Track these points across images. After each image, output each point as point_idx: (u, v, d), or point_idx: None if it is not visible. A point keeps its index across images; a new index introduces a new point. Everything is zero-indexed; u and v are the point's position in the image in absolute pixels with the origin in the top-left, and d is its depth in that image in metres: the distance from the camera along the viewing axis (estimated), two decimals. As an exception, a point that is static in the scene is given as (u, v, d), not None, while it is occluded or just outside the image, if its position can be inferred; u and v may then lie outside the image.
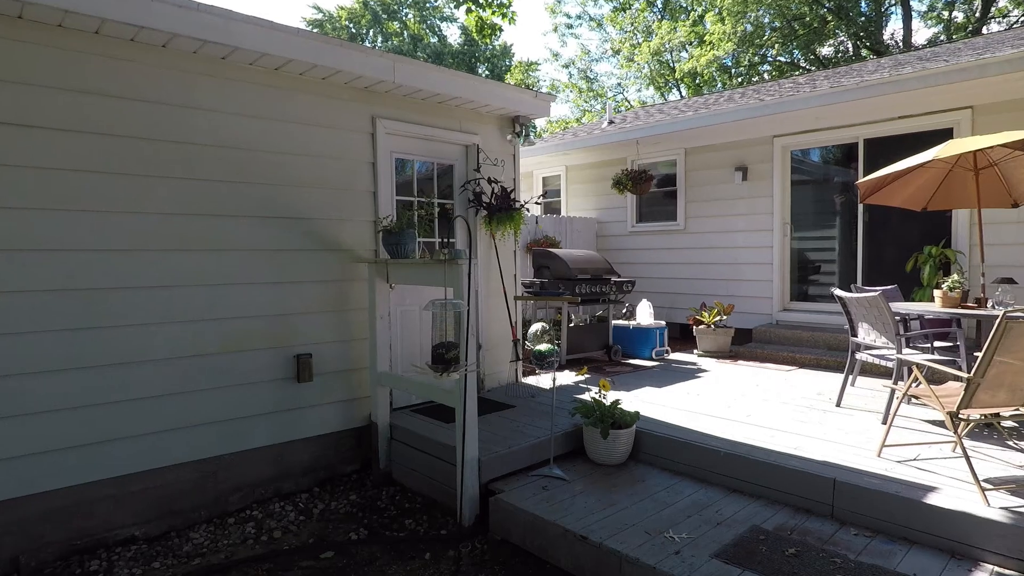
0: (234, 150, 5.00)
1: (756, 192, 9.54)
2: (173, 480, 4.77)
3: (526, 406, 6.02)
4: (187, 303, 4.81)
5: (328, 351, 5.45)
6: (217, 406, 4.94)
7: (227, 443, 4.99)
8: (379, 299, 5.47)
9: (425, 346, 6.06)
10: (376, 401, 5.50)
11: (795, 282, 9.34)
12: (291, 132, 5.27)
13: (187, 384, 4.82)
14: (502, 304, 6.80)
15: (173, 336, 4.77)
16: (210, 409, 4.91)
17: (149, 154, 4.65)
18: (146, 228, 4.63)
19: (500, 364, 6.79)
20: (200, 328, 4.87)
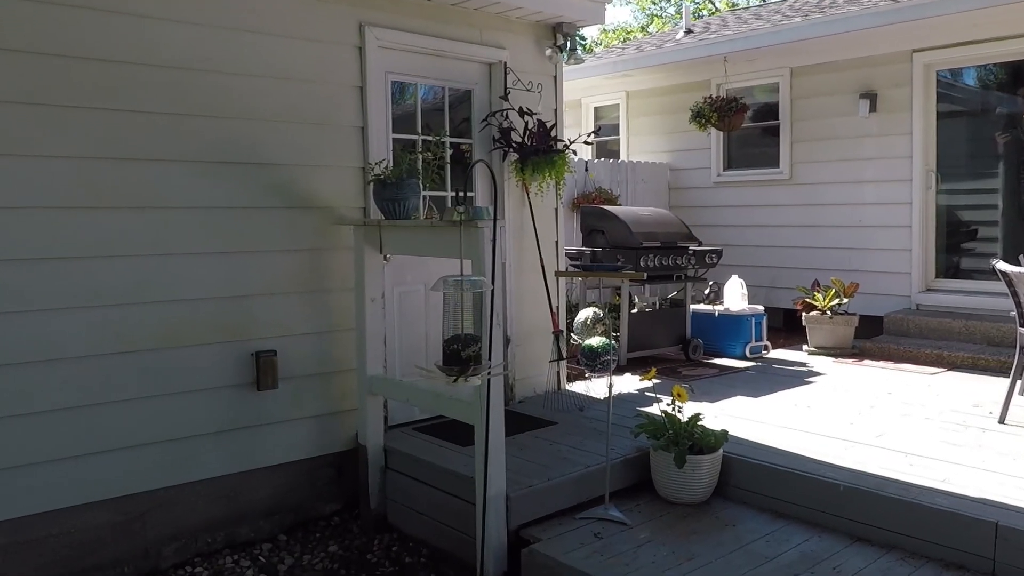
0: (174, 71, 4.95)
1: (889, 128, 9.48)
2: (85, 525, 4.74)
3: (572, 422, 6.02)
4: (107, 280, 4.78)
5: (299, 347, 5.48)
6: (148, 422, 4.95)
7: (161, 474, 5.00)
8: (369, 275, 5.44)
9: (434, 340, 6.04)
10: (366, 416, 5.49)
11: (942, 252, 9.33)
12: (250, 45, 5.22)
13: (106, 391, 4.79)
14: (539, 283, 6.77)
15: (88, 326, 4.73)
16: (138, 426, 4.91)
17: (58, 76, 4.58)
18: (50, 178, 4.57)
19: (536, 365, 6.79)
20: (125, 315, 4.83)
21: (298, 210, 5.43)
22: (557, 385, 6.89)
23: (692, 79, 11.17)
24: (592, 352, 6.32)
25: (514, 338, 6.68)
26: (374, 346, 5.50)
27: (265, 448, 5.36)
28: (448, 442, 5.54)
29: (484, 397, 4.47)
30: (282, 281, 5.39)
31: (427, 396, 5.09)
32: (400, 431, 5.83)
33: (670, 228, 8.66)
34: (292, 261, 5.43)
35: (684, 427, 5.10)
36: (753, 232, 10.67)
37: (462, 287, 3.86)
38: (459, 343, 3.85)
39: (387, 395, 5.52)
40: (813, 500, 4.74)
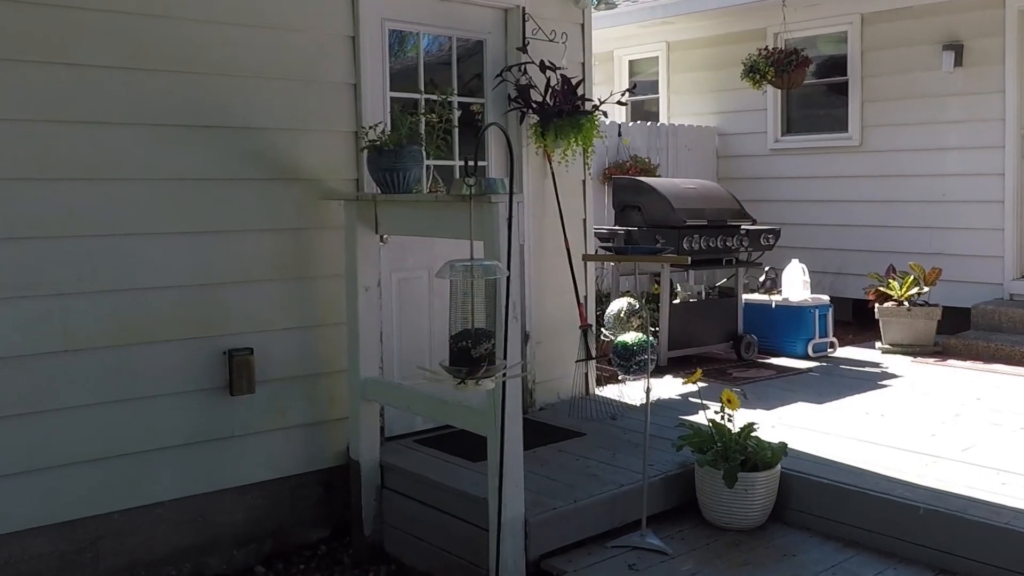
0: (130, 17, 4.92)
1: (977, 85, 9.48)
2: (26, 555, 4.70)
3: (602, 433, 6.05)
4: (51, 266, 4.75)
5: (280, 344, 5.49)
6: (100, 434, 4.91)
7: (114, 495, 4.96)
8: (363, 260, 5.43)
9: (439, 336, 6.04)
10: (359, 426, 5.49)
11: (1042, 232, 9.36)
12: (219, -14, 5.23)
13: (49, 398, 4.76)
14: (563, 268, 6.77)
15: (27, 320, 4.70)
16: (88, 439, 4.88)
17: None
18: (-15, 144, 4.64)
19: (560, 365, 6.80)
20: (72, 307, 4.81)
21: (279, 182, 5.43)
22: (585, 389, 6.90)
23: (745, 27, 11.15)
24: (626, 350, 6.33)
25: (534, 334, 6.69)
26: (368, 343, 5.49)
27: (240, 464, 5.35)
28: (456, 457, 5.55)
29: (498, 403, 4.46)
30: (260, 266, 5.38)
31: (431, 403, 5.09)
32: (399, 444, 5.84)
33: (718, 204, 8.68)
34: (272, 243, 5.42)
35: (735, 439, 5.10)
36: (816, 209, 10.69)
37: (472, 273, 3.81)
38: (469, 340, 3.81)
39: (384, 401, 5.52)
40: (888, 525, 4.74)
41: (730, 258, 8.55)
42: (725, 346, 8.58)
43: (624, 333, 6.48)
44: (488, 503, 4.64)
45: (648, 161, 10.62)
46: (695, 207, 8.39)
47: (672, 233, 8.09)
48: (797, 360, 8.38)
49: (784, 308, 8.70)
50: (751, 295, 9.10)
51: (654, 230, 8.24)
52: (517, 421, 4.53)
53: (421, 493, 5.26)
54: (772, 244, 8.75)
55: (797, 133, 10.98)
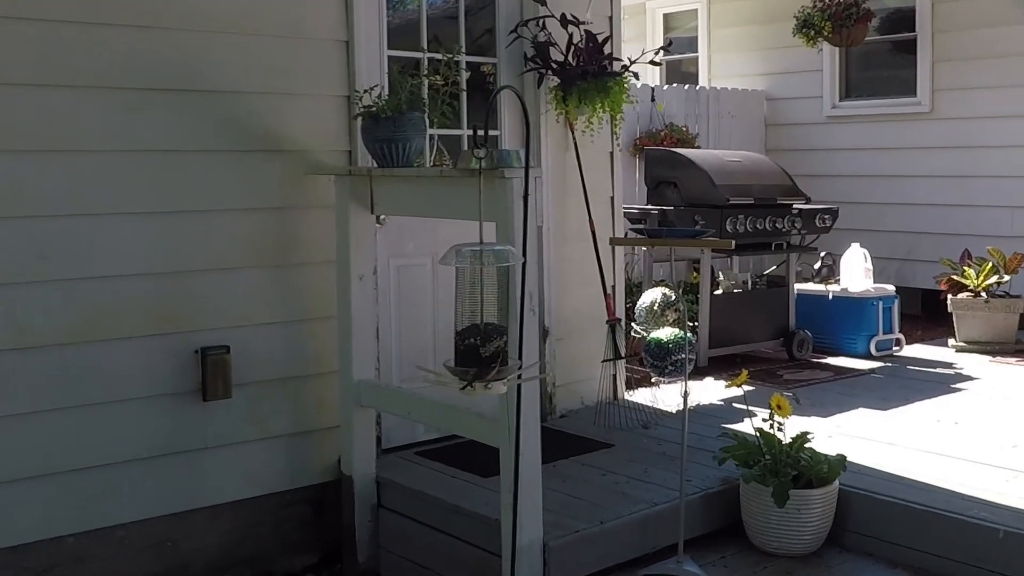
0: None
1: None
2: None
3: (633, 444, 6.06)
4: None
5: (261, 341, 5.50)
6: (52, 445, 4.89)
7: (70, 516, 4.94)
8: (356, 244, 5.43)
9: (444, 332, 5.97)
10: (352, 436, 5.49)
11: None
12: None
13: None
14: (588, 254, 6.78)
15: None
16: (36, 451, 4.86)
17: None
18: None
19: (584, 366, 6.81)
20: (19, 299, 4.80)
21: (259, 155, 5.42)
22: (613, 393, 6.90)
23: (796, -24, 11.12)
24: (661, 349, 6.29)
25: (554, 330, 6.70)
26: (362, 340, 5.49)
27: (214, 480, 5.35)
28: (464, 471, 5.56)
29: (512, 410, 4.45)
30: (237, 252, 5.37)
31: (434, 409, 5.11)
32: (398, 456, 5.86)
33: (767, 179, 8.67)
34: (251, 225, 5.41)
35: (786, 451, 5.10)
36: (880, 185, 10.68)
37: (482, 260, 3.77)
38: (478, 336, 3.76)
39: (380, 407, 5.53)
40: (963, 550, 4.73)
41: (780, 242, 8.53)
42: (774, 344, 8.57)
43: (658, 329, 6.44)
44: (501, 525, 4.64)
45: (685, 130, 10.61)
46: (740, 183, 8.37)
47: (713, 213, 8.06)
48: (858, 360, 8.37)
49: (843, 300, 8.68)
50: (804, 285, 9.08)
51: (693, 210, 8.22)
52: (534, 430, 4.53)
53: (423, 513, 5.26)
54: (829, 226, 8.71)
55: (857, 98, 10.95)
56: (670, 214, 8.35)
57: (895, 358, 8.45)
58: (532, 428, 4.51)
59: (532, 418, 4.52)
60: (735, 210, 8.14)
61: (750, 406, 5.47)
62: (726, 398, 6.97)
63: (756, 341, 8.49)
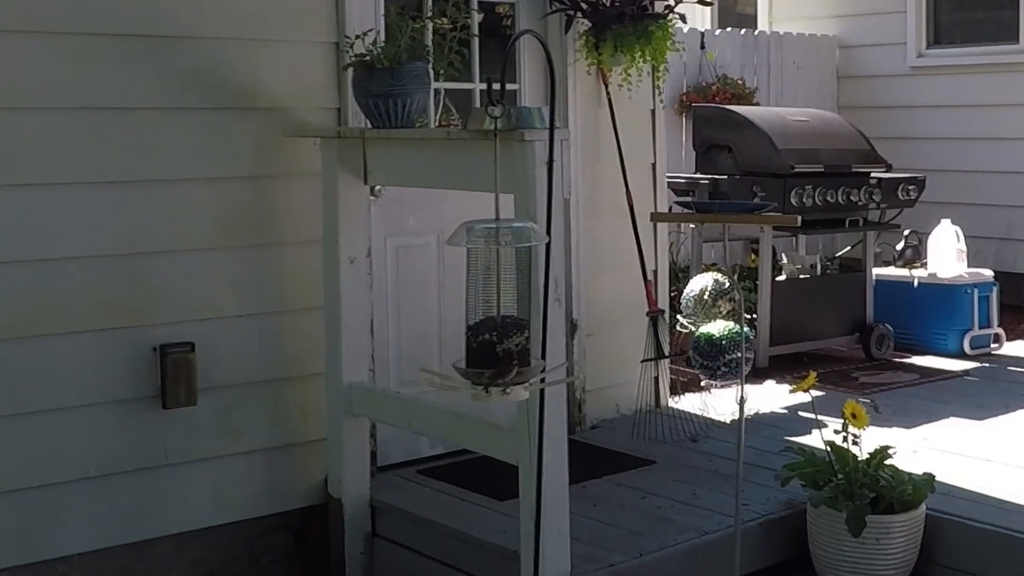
0: None
1: None
2: None
3: (679, 461, 6.09)
4: None
5: (232, 337, 5.53)
6: None
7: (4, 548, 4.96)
8: (347, 220, 5.45)
9: (452, 326, 6.03)
10: (341, 451, 5.52)
11: None
12: None
13: None
14: (624, 232, 6.80)
15: None
16: None
17: None
18: None
19: (620, 366, 6.83)
20: None
21: (230, 113, 5.44)
22: (655, 400, 6.93)
23: None
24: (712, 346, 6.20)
25: (584, 323, 6.71)
26: (354, 336, 5.51)
27: (177, 504, 5.36)
28: (475, 493, 5.58)
29: (534, 419, 4.43)
30: (204, 229, 5.38)
31: (441, 419, 5.13)
32: (397, 475, 5.88)
33: (839, 142, 8.65)
34: (221, 197, 5.43)
35: (863, 469, 5.09)
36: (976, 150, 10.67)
37: (498, 239, 3.76)
38: (493, 331, 3.76)
39: (375, 416, 5.56)
40: None
41: (855, 218, 8.52)
42: (848, 340, 8.57)
43: (709, 322, 6.38)
44: (520, 557, 4.64)
45: (742, 84, 10.63)
46: (807, 147, 8.36)
47: (775, 183, 8.07)
48: (948, 359, 8.37)
49: (931, 287, 8.68)
50: (885, 269, 9.06)
51: (750, 179, 8.23)
52: (560, 444, 4.54)
53: (427, 543, 5.28)
54: (914, 199, 8.69)
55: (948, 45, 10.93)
56: (723, 184, 8.34)
57: (993, 357, 8.43)
58: (558, 441, 4.52)
59: (558, 429, 4.52)
60: (801, 179, 8.12)
61: (819, 415, 5.44)
62: (790, 405, 6.99)
63: (826, 337, 8.47)
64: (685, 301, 6.70)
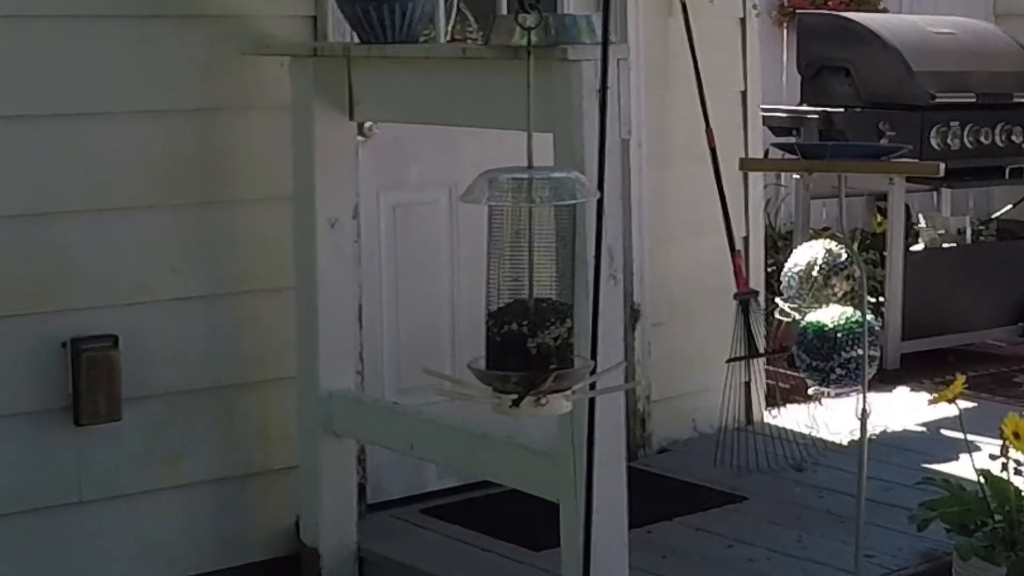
0: None
1: None
2: None
3: (777, 497, 6.11)
4: None
5: (169, 328, 5.58)
6: None
7: None
8: (325, 169, 5.46)
9: (468, 313, 6.06)
10: (319, 484, 5.54)
11: None
12: None
13: None
14: (705, 185, 6.81)
15: None
16: None
17: None
18: None
19: (697, 368, 6.90)
20: None
21: (167, 23, 5.46)
22: (745, 414, 6.96)
23: None
24: (824, 340, 6.22)
25: (648, 309, 6.73)
26: (336, 327, 5.52)
27: (93, 556, 5.36)
28: (500, 541, 5.61)
29: (581, 441, 4.37)
30: (131, 182, 5.39)
31: (453, 439, 5.16)
32: (394, 516, 5.92)
33: (996, 63, 8.66)
34: (154, 137, 5.44)
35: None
36: None
37: (532, 194, 3.70)
38: (525, 320, 3.70)
39: (365, 437, 5.59)
40: None
41: (1018, 165, 8.49)
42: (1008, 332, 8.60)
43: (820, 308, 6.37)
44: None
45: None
46: (953, 70, 8.37)
47: (910, 119, 8.08)
48: None
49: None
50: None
51: (876, 113, 8.24)
52: (617, 474, 4.54)
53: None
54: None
55: None
56: (838, 120, 8.34)
57: None
58: (614, 470, 4.52)
59: (614, 454, 4.52)
60: (945, 113, 8.13)
61: (968, 434, 5.39)
62: (929, 421, 6.98)
63: (979, 328, 8.49)
64: (787, 279, 6.66)
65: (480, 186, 3.72)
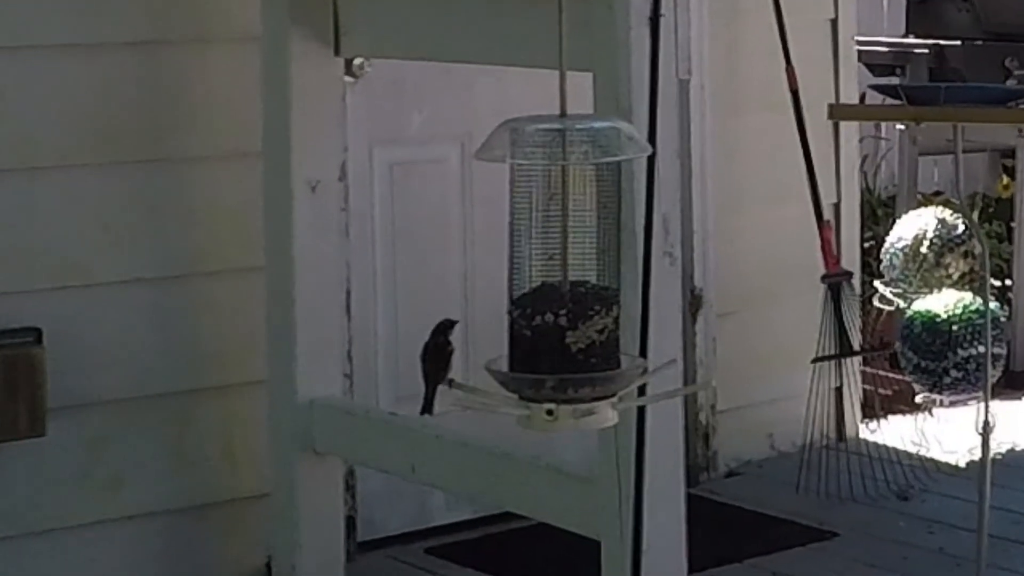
0: None
1: None
2: None
3: (876, 532, 6.12)
4: None
5: (105, 320, 5.60)
6: None
7: None
8: (305, 117, 5.46)
9: (485, 299, 6.11)
10: (296, 515, 5.53)
11: None
12: None
13: None
14: (784, 138, 6.81)
15: None
16: None
17: None
18: None
19: (774, 369, 6.94)
20: None
21: None
22: (836, 427, 6.94)
23: None
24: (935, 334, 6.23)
25: (713, 294, 6.77)
26: (318, 318, 5.53)
27: None
28: None
29: (628, 462, 4.41)
30: (57, 133, 5.41)
31: (465, 460, 5.14)
32: (391, 557, 5.96)
33: None
34: (86, 78, 5.45)
35: None
36: None
37: (566, 151, 3.68)
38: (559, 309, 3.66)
39: (354, 456, 5.62)
40: None
41: None
42: None
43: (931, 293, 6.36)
44: None
45: None
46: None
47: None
48: None
49: None
50: None
51: (1000, 47, 8.24)
52: (674, 503, 4.54)
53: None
54: None
55: None
56: (953, 56, 8.33)
57: None
58: (670, 499, 4.52)
59: (669, 478, 4.52)
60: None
61: None
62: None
63: None
64: (889, 257, 6.66)
65: (501, 140, 3.69)
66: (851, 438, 6.92)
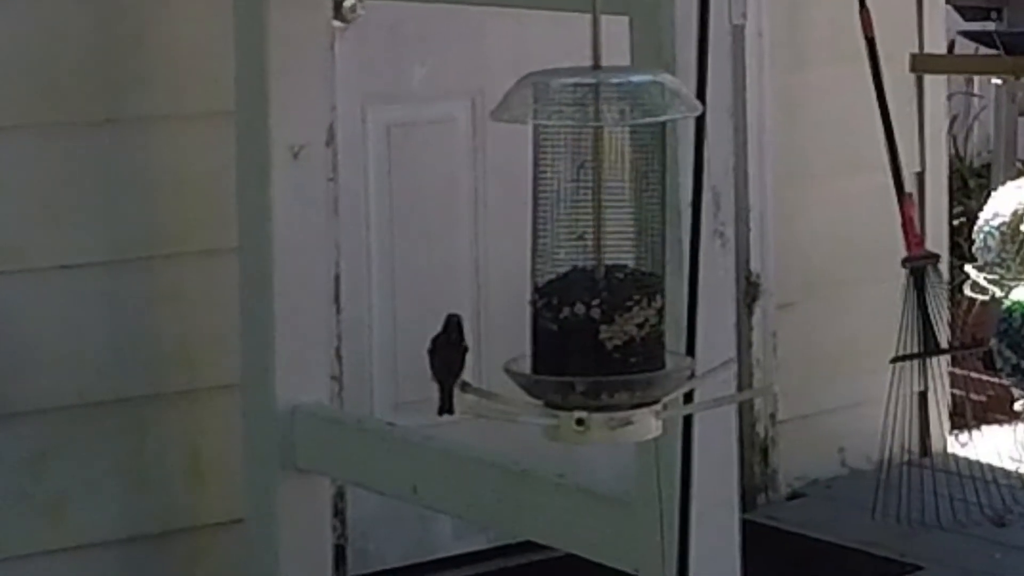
0: None
1: None
2: None
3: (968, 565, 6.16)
4: None
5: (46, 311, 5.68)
6: None
7: None
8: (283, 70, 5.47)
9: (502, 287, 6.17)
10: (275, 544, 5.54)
11: None
12: None
13: None
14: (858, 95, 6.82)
15: None
16: None
17: None
18: None
19: (845, 371, 6.94)
20: None
21: None
22: (920, 440, 6.97)
23: None
24: None
25: (773, 282, 6.79)
26: (301, 310, 5.54)
27: None
28: None
29: (671, 481, 4.28)
30: None
31: (476, 479, 5.13)
32: None
33: None
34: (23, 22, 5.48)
35: None
36: None
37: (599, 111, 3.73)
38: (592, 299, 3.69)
39: (344, 474, 5.64)
40: None
41: None
42: None
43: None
44: None
45: None
46: None
47: None
48: None
49: None
50: None
51: None
52: (727, 529, 4.59)
53: None
54: None
55: None
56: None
57: None
58: (720, 525, 4.56)
59: (720, 500, 4.55)
60: None
61: None
62: None
63: None
64: (983, 237, 6.70)
65: (521, 96, 3.73)
66: (937, 453, 6.94)
